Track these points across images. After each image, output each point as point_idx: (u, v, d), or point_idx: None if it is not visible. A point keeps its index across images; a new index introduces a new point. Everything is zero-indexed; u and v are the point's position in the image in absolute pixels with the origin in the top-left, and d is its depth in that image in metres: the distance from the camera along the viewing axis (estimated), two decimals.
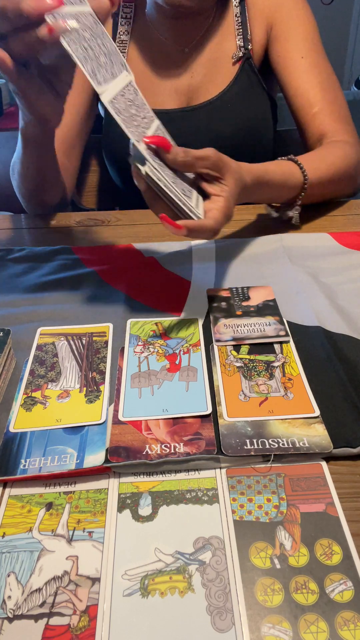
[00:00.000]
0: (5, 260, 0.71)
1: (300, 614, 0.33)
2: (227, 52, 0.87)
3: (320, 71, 0.83)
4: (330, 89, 0.83)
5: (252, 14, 0.86)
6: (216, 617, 0.32)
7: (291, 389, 0.48)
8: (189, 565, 0.35)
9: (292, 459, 0.42)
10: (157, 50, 0.87)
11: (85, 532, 0.37)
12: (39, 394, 0.48)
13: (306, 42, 0.83)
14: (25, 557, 0.36)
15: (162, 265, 0.68)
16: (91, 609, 0.33)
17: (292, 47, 0.84)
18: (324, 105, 0.82)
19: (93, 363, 0.52)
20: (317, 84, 0.82)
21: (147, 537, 0.37)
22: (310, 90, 0.82)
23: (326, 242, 0.72)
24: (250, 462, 0.42)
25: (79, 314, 0.60)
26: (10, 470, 0.41)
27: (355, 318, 0.57)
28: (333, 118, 0.81)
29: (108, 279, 0.66)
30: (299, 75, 0.83)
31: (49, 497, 0.40)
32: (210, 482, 0.41)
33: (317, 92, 0.82)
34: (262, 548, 0.36)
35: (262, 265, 0.68)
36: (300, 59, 0.83)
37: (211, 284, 0.64)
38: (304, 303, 0.59)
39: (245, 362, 0.51)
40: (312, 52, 0.83)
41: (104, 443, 0.43)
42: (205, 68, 0.87)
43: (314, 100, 0.82)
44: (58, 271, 0.68)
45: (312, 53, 0.83)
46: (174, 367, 0.51)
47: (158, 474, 0.42)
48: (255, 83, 0.88)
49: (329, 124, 0.81)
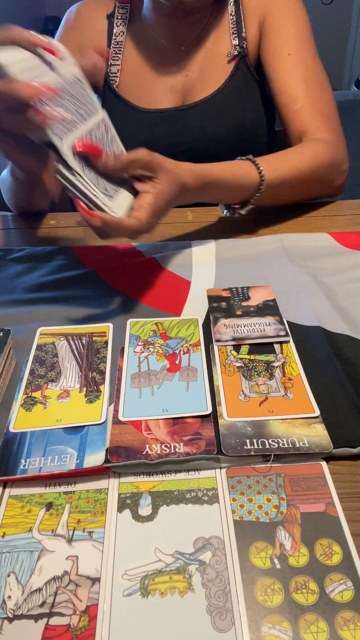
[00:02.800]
0: (5, 260, 0.71)
1: (300, 614, 0.33)
2: (223, 50, 0.87)
3: (306, 68, 0.81)
4: (315, 86, 0.81)
5: (246, 12, 0.86)
6: (216, 617, 0.32)
7: (291, 389, 0.48)
8: (189, 565, 0.35)
9: (292, 459, 0.42)
10: (153, 49, 0.87)
11: (85, 532, 0.37)
12: (39, 394, 0.48)
13: (295, 39, 0.82)
14: (25, 557, 0.36)
15: (162, 265, 0.68)
16: (91, 609, 0.33)
17: (280, 43, 0.83)
18: (306, 102, 0.80)
19: (93, 363, 0.52)
20: (301, 80, 0.81)
21: (147, 537, 0.37)
22: (294, 88, 0.81)
23: (326, 242, 0.72)
24: (250, 462, 0.42)
25: (79, 314, 0.60)
26: (10, 470, 0.41)
27: (355, 318, 0.57)
28: (314, 115, 0.80)
29: (108, 279, 0.66)
30: (284, 72, 0.82)
31: (49, 497, 0.40)
32: (210, 482, 0.41)
33: (300, 89, 0.80)
34: (262, 548, 0.36)
35: (262, 265, 0.68)
36: (287, 56, 0.82)
37: (211, 284, 0.64)
38: (304, 303, 0.59)
39: (245, 362, 0.51)
40: (300, 50, 0.82)
41: (104, 443, 0.43)
42: (200, 66, 0.87)
43: (296, 97, 0.81)
44: (58, 271, 0.68)
45: (300, 50, 0.82)
46: (174, 367, 0.51)
47: (158, 474, 0.42)
48: (250, 81, 0.88)
49: (311, 122, 0.80)
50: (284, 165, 0.73)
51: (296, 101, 0.81)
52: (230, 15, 0.86)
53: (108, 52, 0.62)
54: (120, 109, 0.88)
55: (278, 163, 0.73)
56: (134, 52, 0.88)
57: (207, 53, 0.87)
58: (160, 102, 0.88)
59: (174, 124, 0.87)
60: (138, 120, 0.88)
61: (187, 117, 0.87)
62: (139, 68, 0.88)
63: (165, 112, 0.87)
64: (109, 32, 0.88)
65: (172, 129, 0.88)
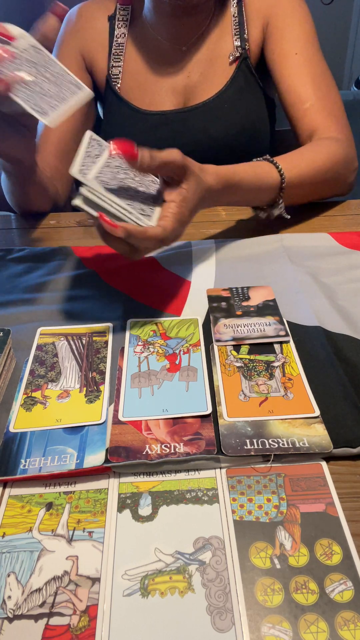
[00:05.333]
0: (5, 260, 0.71)
1: (300, 614, 0.33)
2: (224, 51, 0.87)
3: (313, 68, 0.82)
4: (323, 85, 0.82)
5: (249, 13, 0.86)
6: (216, 617, 0.32)
7: (291, 389, 0.48)
8: (189, 565, 0.35)
9: (292, 459, 0.42)
10: (155, 50, 0.87)
11: (85, 532, 0.37)
12: (39, 394, 0.48)
13: (301, 39, 0.83)
14: (25, 557, 0.36)
15: (162, 265, 0.68)
16: (91, 609, 0.33)
17: (286, 43, 0.83)
18: (315, 101, 0.80)
19: (93, 363, 0.52)
20: (309, 80, 0.81)
21: (147, 537, 0.37)
22: (302, 87, 0.81)
23: (326, 242, 0.72)
24: (250, 462, 0.42)
25: (79, 314, 0.60)
26: (10, 470, 0.41)
27: (355, 318, 0.57)
28: (324, 114, 0.80)
29: (108, 279, 0.66)
30: (291, 71, 0.82)
31: (49, 497, 0.40)
32: (210, 482, 0.41)
33: (308, 88, 0.81)
34: (262, 548, 0.36)
35: (262, 265, 0.68)
36: (294, 55, 0.82)
37: (211, 284, 0.64)
38: (304, 303, 0.59)
39: (245, 362, 0.51)
40: (307, 49, 0.82)
41: (104, 443, 0.43)
42: (202, 67, 0.87)
43: (305, 96, 0.81)
44: (58, 271, 0.68)
45: (307, 50, 0.82)
46: (174, 367, 0.51)
47: (158, 474, 0.42)
48: (252, 83, 0.88)
49: (320, 121, 0.80)
50: (302, 164, 0.73)
51: (305, 100, 0.81)
52: (233, 16, 0.86)
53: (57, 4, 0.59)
54: (122, 111, 0.88)
55: (296, 162, 0.72)
56: (135, 54, 0.88)
57: (209, 54, 0.87)
58: (162, 103, 0.88)
59: (176, 126, 0.87)
60: (140, 123, 0.88)
61: (189, 119, 0.87)
62: (141, 69, 0.88)
63: (167, 114, 0.87)
64: (110, 33, 0.88)
65: (174, 131, 0.87)
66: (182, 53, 0.87)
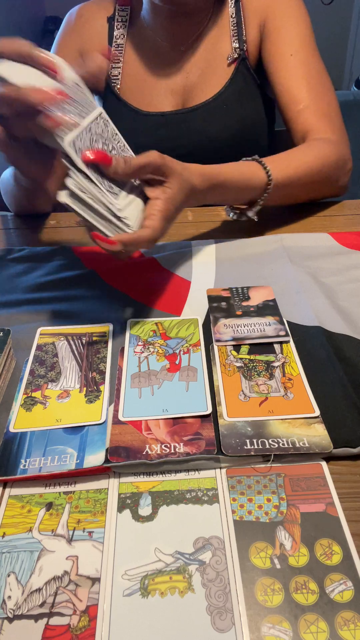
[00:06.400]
0: (5, 260, 0.71)
1: (300, 614, 0.33)
2: (223, 52, 0.87)
3: (309, 69, 0.82)
4: (318, 86, 0.81)
5: (246, 13, 0.86)
6: (216, 617, 0.32)
7: (291, 389, 0.48)
8: (189, 565, 0.35)
9: (292, 459, 0.42)
10: (153, 51, 0.87)
11: (85, 532, 0.37)
12: (39, 394, 0.48)
13: (297, 39, 0.82)
14: (25, 557, 0.36)
15: (162, 265, 0.68)
16: (91, 609, 0.33)
17: (282, 44, 0.83)
18: (309, 102, 0.80)
19: (93, 363, 0.52)
20: (304, 81, 0.81)
21: (147, 537, 0.37)
22: (297, 88, 0.81)
23: (326, 242, 0.72)
24: (250, 462, 0.42)
25: (79, 314, 0.60)
26: (10, 470, 0.41)
27: (355, 318, 0.57)
28: (318, 116, 0.80)
29: (108, 279, 0.66)
30: (287, 72, 0.82)
31: (49, 497, 0.40)
32: (210, 482, 0.41)
33: (303, 89, 0.81)
34: (262, 548, 0.36)
35: (262, 265, 0.68)
36: (290, 57, 0.82)
37: (211, 284, 0.64)
38: (304, 303, 0.59)
39: (245, 362, 0.51)
40: (303, 50, 0.82)
41: (104, 443, 0.43)
42: (200, 68, 0.87)
43: (299, 97, 0.81)
44: (58, 271, 0.68)
45: (303, 51, 0.82)
46: (174, 367, 0.51)
47: (158, 474, 0.42)
48: (251, 84, 0.88)
49: (313, 122, 0.80)
50: (291, 164, 0.73)
51: (299, 101, 0.81)
52: (231, 16, 0.86)
53: (109, 49, 0.61)
54: (121, 113, 0.88)
55: (284, 163, 0.73)
56: (134, 55, 0.88)
57: (207, 54, 0.87)
58: (161, 104, 0.88)
59: (175, 127, 0.87)
60: (139, 124, 0.88)
61: (188, 120, 0.87)
62: (140, 70, 0.88)
63: (167, 115, 0.87)
64: (110, 34, 0.88)
65: (173, 132, 0.87)
66: (180, 54, 0.87)
